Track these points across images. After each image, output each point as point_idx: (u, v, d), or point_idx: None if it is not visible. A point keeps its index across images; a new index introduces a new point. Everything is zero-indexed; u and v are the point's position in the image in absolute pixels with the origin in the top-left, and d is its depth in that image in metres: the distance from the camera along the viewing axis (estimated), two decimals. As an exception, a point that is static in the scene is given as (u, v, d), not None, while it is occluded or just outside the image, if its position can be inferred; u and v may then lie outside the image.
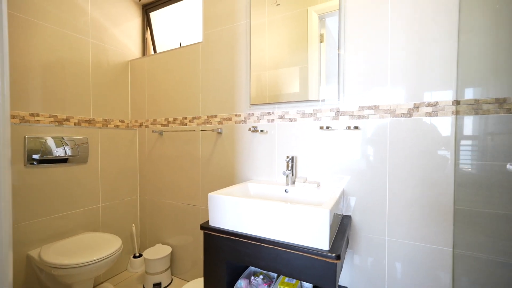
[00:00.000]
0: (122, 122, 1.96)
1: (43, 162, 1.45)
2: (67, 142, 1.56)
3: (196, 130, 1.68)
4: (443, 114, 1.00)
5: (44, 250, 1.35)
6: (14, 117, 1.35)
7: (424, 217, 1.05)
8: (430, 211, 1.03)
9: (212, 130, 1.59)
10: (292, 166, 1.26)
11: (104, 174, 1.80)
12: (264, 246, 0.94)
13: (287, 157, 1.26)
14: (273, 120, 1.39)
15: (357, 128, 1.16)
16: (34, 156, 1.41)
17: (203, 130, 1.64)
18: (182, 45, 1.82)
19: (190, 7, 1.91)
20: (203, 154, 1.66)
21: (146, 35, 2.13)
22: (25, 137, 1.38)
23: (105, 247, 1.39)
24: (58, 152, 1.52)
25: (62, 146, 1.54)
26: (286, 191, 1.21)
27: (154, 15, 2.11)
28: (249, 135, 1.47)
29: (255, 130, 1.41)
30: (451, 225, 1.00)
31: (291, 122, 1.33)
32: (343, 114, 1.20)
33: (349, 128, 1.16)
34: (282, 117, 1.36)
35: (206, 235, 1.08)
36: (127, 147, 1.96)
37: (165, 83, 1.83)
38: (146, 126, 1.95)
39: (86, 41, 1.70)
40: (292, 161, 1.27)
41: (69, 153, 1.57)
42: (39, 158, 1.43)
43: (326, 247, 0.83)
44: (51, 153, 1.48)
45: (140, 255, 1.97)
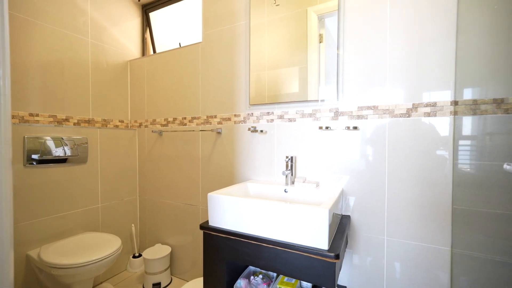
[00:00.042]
0: (122, 122, 1.96)
1: (43, 162, 1.45)
2: (67, 142, 1.56)
3: (195, 130, 1.68)
4: (442, 114, 1.00)
5: (43, 250, 1.35)
6: (13, 117, 1.35)
7: (422, 216, 1.05)
8: (428, 211, 1.04)
9: (211, 130, 1.59)
10: (291, 166, 1.27)
11: (103, 174, 1.80)
12: (263, 246, 0.94)
13: (287, 157, 1.27)
14: (272, 120, 1.39)
15: (356, 128, 1.16)
16: (34, 156, 1.41)
17: (203, 130, 1.64)
18: (181, 45, 1.82)
19: (189, 8, 1.91)
20: (203, 154, 1.66)
21: (145, 35, 2.13)
22: (24, 137, 1.38)
23: (104, 247, 1.39)
24: (58, 152, 1.52)
25: (62, 146, 1.54)
26: (285, 191, 1.22)
27: (153, 15, 2.11)
28: (248, 135, 1.47)
29: (255, 130, 1.41)
30: (449, 224, 1.00)
31: (291, 122, 1.33)
32: (342, 114, 1.20)
33: (348, 128, 1.17)
34: (281, 117, 1.36)
35: (205, 235, 1.08)
36: (127, 147, 1.96)
37: (164, 83, 1.83)
38: (146, 126, 1.95)
39: (86, 41, 1.70)
40: (291, 161, 1.27)
41: (68, 153, 1.57)
42: (39, 158, 1.43)
43: (325, 247, 0.83)
44: (51, 153, 1.48)
45: (139, 255, 1.97)
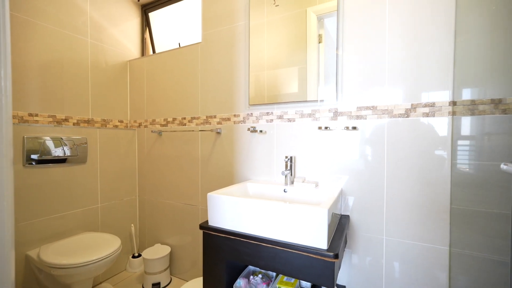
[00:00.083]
0: (121, 122, 1.96)
1: (42, 162, 1.45)
2: (66, 142, 1.56)
3: (195, 130, 1.68)
4: (440, 115, 1.01)
5: (43, 250, 1.35)
6: (13, 117, 1.33)
7: (421, 216, 1.06)
8: (427, 211, 1.05)
9: (211, 130, 1.59)
10: (290, 166, 1.27)
11: (103, 174, 1.80)
12: (263, 246, 0.94)
13: (286, 157, 1.27)
14: (272, 120, 1.39)
15: (355, 128, 1.17)
16: (33, 156, 1.41)
17: (202, 130, 1.64)
18: (181, 45, 1.82)
19: (189, 8, 1.92)
20: (202, 154, 1.67)
21: (145, 35, 2.13)
22: (23, 137, 1.38)
23: (104, 247, 1.39)
24: (57, 152, 1.52)
25: (61, 146, 1.54)
26: (285, 191, 1.22)
27: (153, 15, 2.11)
28: (248, 135, 1.47)
29: (254, 130, 1.42)
30: (448, 224, 1.01)
31: (290, 122, 1.34)
32: (341, 114, 1.21)
33: (347, 128, 1.17)
34: (281, 117, 1.37)
35: (205, 235, 1.08)
36: (126, 147, 1.96)
37: (164, 83, 1.83)
38: (145, 126, 1.95)
39: (85, 41, 1.70)
40: (290, 161, 1.27)
41: (68, 153, 1.57)
42: (38, 158, 1.43)
43: (324, 246, 0.84)
44: (50, 153, 1.48)
45: (139, 255, 1.97)
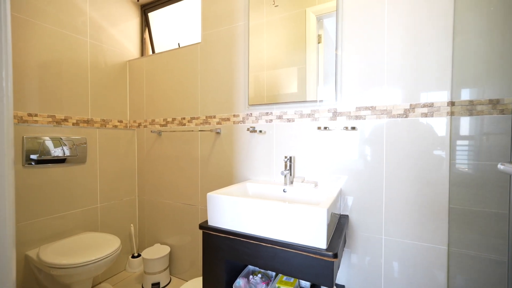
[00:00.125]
0: (121, 122, 1.96)
1: (41, 162, 1.45)
2: (65, 142, 1.56)
3: (194, 131, 1.69)
4: (439, 115, 1.01)
5: (42, 250, 1.35)
6: (12, 117, 1.35)
7: (420, 216, 1.06)
8: (425, 210, 1.05)
9: (210, 130, 1.59)
10: (290, 166, 1.28)
11: (102, 174, 1.80)
12: (262, 245, 0.95)
13: (285, 157, 1.27)
14: (271, 120, 1.40)
15: (354, 128, 1.17)
16: (32, 156, 1.41)
17: (202, 131, 1.64)
18: (180, 45, 1.82)
19: (188, 8, 1.92)
20: (202, 154, 1.67)
21: (144, 36, 2.13)
22: (23, 137, 1.38)
23: (103, 247, 1.39)
24: (56, 152, 1.52)
25: (61, 146, 1.54)
26: (284, 191, 1.22)
27: (152, 16, 2.11)
28: (247, 136, 1.48)
29: (254, 131, 1.42)
30: (446, 223, 1.01)
31: (289, 122, 1.34)
32: (341, 114, 1.21)
33: (346, 128, 1.18)
34: (280, 117, 1.37)
35: (205, 235, 1.08)
36: (126, 147, 1.96)
37: (163, 84, 1.83)
38: (145, 126, 1.95)
39: (84, 41, 1.70)
40: (290, 161, 1.28)
41: (67, 153, 1.57)
42: (37, 159, 1.42)
43: (323, 246, 0.84)
44: (49, 153, 1.48)
45: (138, 255, 1.97)
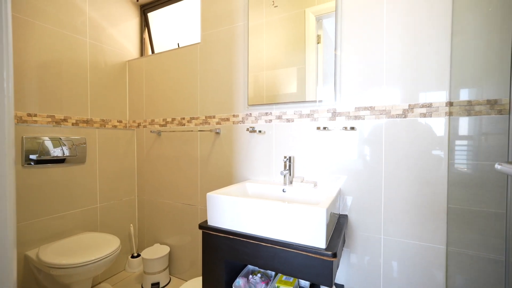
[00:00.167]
0: (120, 122, 1.96)
1: (41, 162, 1.45)
2: (65, 143, 1.56)
3: (194, 131, 1.69)
4: (437, 115, 1.02)
5: (42, 250, 1.35)
6: (11, 117, 1.35)
7: (419, 215, 1.07)
8: (424, 210, 1.06)
9: (210, 130, 1.60)
10: (289, 166, 1.28)
11: (102, 174, 1.80)
12: (262, 245, 0.95)
13: (285, 157, 1.28)
14: (270, 120, 1.40)
15: (353, 128, 1.18)
16: (32, 156, 1.41)
17: (201, 131, 1.64)
18: (180, 45, 1.82)
19: (188, 8, 1.92)
20: (201, 154, 1.67)
21: (144, 36, 2.13)
22: (22, 137, 1.38)
23: (103, 247, 1.39)
24: (56, 152, 1.51)
25: (60, 146, 1.54)
26: (283, 191, 1.23)
27: (152, 16, 2.11)
28: (247, 136, 1.48)
29: (253, 131, 1.42)
30: (445, 223, 1.02)
31: (289, 122, 1.35)
32: (340, 114, 1.22)
33: (345, 128, 1.18)
34: (279, 117, 1.37)
35: (204, 235, 1.09)
36: (125, 147, 1.96)
37: (163, 84, 1.84)
38: (144, 127, 1.95)
39: (84, 41, 1.70)
40: (289, 161, 1.28)
41: (66, 153, 1.56)
42: (37, 159, 1.42)
43: (323, 246, 0.84)
44: (49, 153, 1.48)
45: (138, 255, 1.97)
